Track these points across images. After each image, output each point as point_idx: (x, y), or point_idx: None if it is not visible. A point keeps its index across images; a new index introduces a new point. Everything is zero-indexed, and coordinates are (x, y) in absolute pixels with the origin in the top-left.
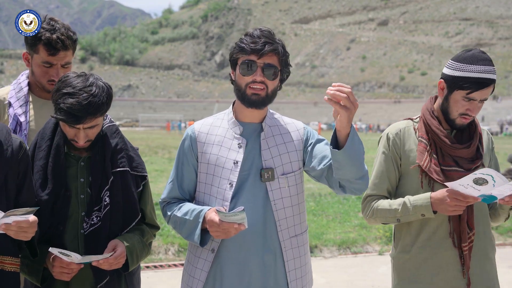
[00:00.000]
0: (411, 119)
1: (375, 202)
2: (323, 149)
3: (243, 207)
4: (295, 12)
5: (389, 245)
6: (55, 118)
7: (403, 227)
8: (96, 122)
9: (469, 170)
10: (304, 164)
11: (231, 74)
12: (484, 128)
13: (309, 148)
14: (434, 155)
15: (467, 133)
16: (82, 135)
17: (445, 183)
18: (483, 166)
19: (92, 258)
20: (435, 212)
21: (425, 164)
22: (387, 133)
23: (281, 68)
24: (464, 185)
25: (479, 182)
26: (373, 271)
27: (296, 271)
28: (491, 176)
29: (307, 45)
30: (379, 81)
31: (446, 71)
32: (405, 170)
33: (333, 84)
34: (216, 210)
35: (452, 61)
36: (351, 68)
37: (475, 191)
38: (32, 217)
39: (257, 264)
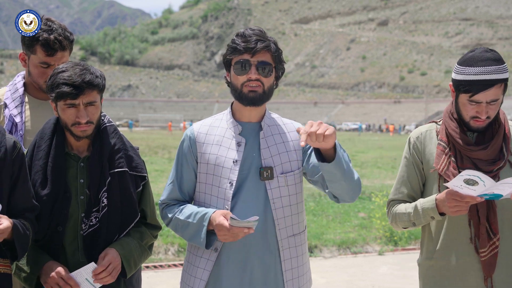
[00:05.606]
0: (435, 122)
1: (395, 207)
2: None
3: (257, 217)
4: (295, 12)
5: (389, 245)
6: (54, 99)
7: (426, 232)
8: (94, 98)
9: (490, 172)
10: (302, 165)
11: (226, 77)
12: None
13: (308, 152)
14: (453, 158)
15: (490, 134)
16: (83, 112)
17: (444, 184)
18: (510, 167)
19: (82, 273)
20: (442, 214)
21: (441, 168)
22: (409, 137)
23: (275, 64)
24: (458, 186)
25: (470, 182)
26: (373, 271)
27: (292, 271)
28: (478, 177)
29: (307, 45)
30: (379, 81)
31: (452, 74)
32: (427, 174)
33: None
34: (230, 217)
35: (456, 64)
36: (351, 68)
37: (471, 191)
38: (4, 224)
39: (258, 263)
